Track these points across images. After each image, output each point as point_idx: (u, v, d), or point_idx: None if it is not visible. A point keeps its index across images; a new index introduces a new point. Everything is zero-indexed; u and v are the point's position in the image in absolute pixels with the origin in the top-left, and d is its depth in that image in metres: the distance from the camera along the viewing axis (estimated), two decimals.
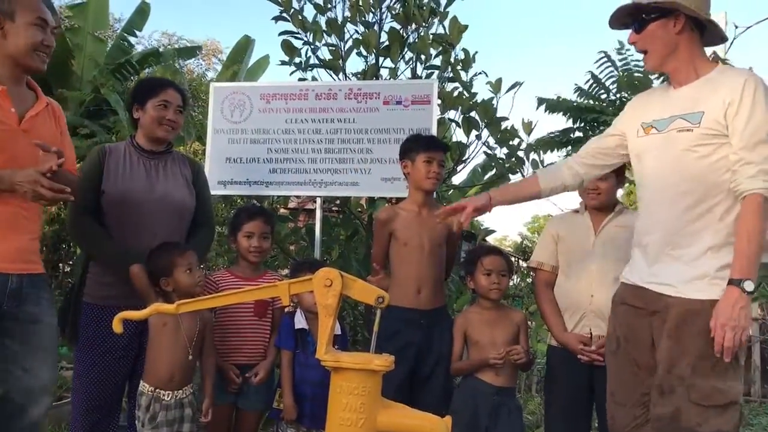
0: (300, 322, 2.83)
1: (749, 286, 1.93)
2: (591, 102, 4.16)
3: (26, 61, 2.30)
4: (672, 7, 2.11)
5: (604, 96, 4.22)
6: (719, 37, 2.26)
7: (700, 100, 2.10)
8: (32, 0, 2.30)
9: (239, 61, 10.68)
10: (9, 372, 2.25)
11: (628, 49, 4.18)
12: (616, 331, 2.29)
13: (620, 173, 2.97)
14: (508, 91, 4.04)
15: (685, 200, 2.09)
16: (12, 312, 2.23)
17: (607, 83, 4.16)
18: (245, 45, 11.00)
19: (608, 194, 2.92)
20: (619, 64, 4.14)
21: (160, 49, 10.98)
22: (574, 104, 4.15)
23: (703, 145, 2.07)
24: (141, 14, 10.44)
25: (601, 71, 4.14)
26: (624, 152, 2.38)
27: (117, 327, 1.97)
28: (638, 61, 4.14)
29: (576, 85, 4.19)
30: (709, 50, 2.33)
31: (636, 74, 4.08)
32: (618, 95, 4.14)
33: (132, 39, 10.52)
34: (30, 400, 2.27)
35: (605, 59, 4.13)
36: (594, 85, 4.17)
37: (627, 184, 3.14)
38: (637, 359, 2.21)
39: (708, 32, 2.19)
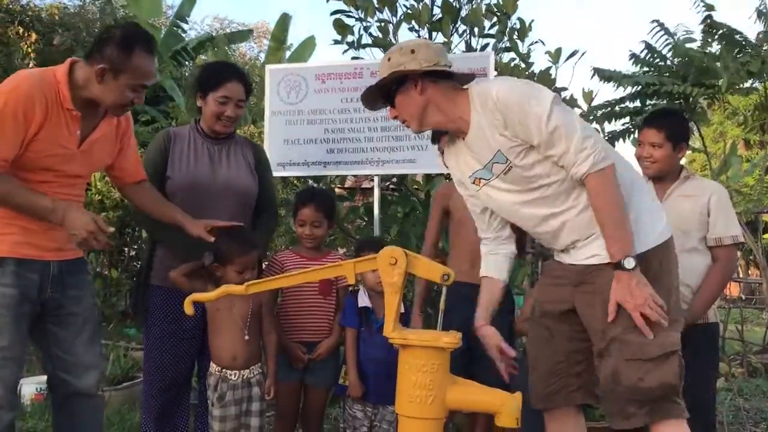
0: (363, 300, 2.85)
1: (629, 263, 1.96)
2: (648, 70, 4.02)
3: (108, 110, 2.34)
4: (399, 76, 2.11)
5: (661, 64, 4.06)
6: (467, 75, 2.21)
7: (487, 141, 2.09)
8: (145, 64, 2.27)
9: (282, 41, 10.76)
10: (55, 355, 2.38)
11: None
12: (536, 302, 2.34)
13: (679, 139, 2.86)
14: (567, 59, 3.95)
15: (576, 206, 2.09)
16: (55, 298, 2.32)
17: (664, 51, 4.00)
18: (284, 23, 11.04)
19: (665, 162, 2.82)
20: (675, 32, 3.98)
21: (213, 34, 11.11)
22: (632, 75, 4.02)
23: (536, 164, 2.06)
24: (189, 1, 10.58)
25: (656, 40, 3.99)
26: None
27: (188, 309, 2.03)
28: (690, 32, 3.97)
29: (630, 51, 4.04)
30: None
31: (691, 48, 3.91)
32: (674, 61, 3.97)
33: (184, 25, 10.68)
34: (75, 376, 2.38)
35: (659, 28, 3.97)
36: (649, 54, 4.02)
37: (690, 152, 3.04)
38: (550, 327, 2.24)
39: (457, 75, 2.16)
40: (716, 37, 3.84)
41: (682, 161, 3.05)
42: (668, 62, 4.03)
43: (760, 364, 6.01)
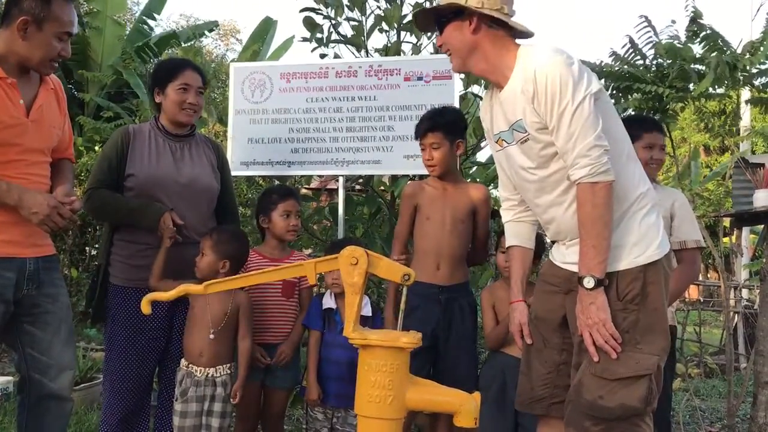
0: (328, 302, 2.84)
1: (589, 282, 1.95)
2: (627, 67, 4.05)
3: (37, 68, 2.28)
4: (458, 8, 2.06)
5: (640, 62, 4.09)
6: (526, 33, 2.15)
7: (516, 104, 2.05)
8: (66, 12, 2.25)
9: (260, 42, 10.64)
10: (30, 356, 2.31)
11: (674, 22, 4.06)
12: (533, 306, 2.31)
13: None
14: None
15: (565, 201, 2.07)
16: (31, 296, 2.26)
17: (645, 49, 4.03)
18: (266, 27, 10.94)
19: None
20: (660, 30, 4.01)
21: (176, 31, 10.93)
22: (612, 70, 4.04)
23: (548, 146, 2.03)
24: None
25: (640, 36, 4.01)
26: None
27: (145, 308, 2.00)
28: (676, 36, 4.01)
29: (611, 49, 4.06)
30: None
31: (677, 43, 3.93)
32: (654, 61, 4.00)
33: (151, 22, 10.52)
34: (51, 378, 2.33)
35: (645, 24, 4.00)
36: (630, 50, 4.05)
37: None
38: (545, 337, 2.23)
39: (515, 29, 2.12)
40: (699, 38, 3.88)
41: None
42: (647, 61, 4.07)
43: (716, 365, 6.14)
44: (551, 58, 1.97)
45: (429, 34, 4.16)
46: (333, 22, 4.24)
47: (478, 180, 4.48)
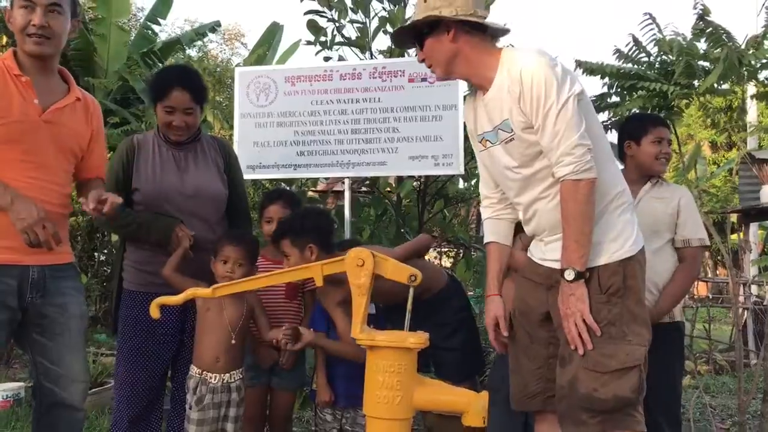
0: None
1: (569, 275, 2.00)
2: (631, 65, 4.04)
3: (22, 47, 2.24)
4: (434, 20, 2.09)
5: (644, 59, 4.08)
6: (501, 29, 2.19)
7: (502, 105, 2.09)
8: None
9: (266, 46, 10.66)
10: (41, 363, 2.29)
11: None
12: (515, 303, 2.33)
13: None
14: None
15: (549, 195, 2.11)
16: (37, 304, 2.23)
17: (649, 46, 4.01)
18: (273, 31, 10.96)
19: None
20: (664, 27, 3.99)
21: (180, 34, 10.96)
22: (615, 69, 4.03)
23: (532, 145, 2.07)
24: (164, 2, 10.46)
25: (644, 34, 4.00)
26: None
27: (154, 312, 2.01)
28: (680, 34, 3.99)
29: (615, 47, 4.05)
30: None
31: (681, 40, 3.92)
32: (659, 58, 3.99)
33: (155, 27, 10.57)
34: (62, 387, 2.31)
35: (650, 21, 3.99)
36: (634, 48, 4.04)
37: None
38: (530, 332, 2.25)
39: (491, 28, 2.14)
40: (704, 36, 3.86)
41: None
42: (651, 59, 4.06)
43: (726, 362, 6.13)
44: (536, 60, 2.03)
45: None
46: (337, 24, 4.26)
47: None
